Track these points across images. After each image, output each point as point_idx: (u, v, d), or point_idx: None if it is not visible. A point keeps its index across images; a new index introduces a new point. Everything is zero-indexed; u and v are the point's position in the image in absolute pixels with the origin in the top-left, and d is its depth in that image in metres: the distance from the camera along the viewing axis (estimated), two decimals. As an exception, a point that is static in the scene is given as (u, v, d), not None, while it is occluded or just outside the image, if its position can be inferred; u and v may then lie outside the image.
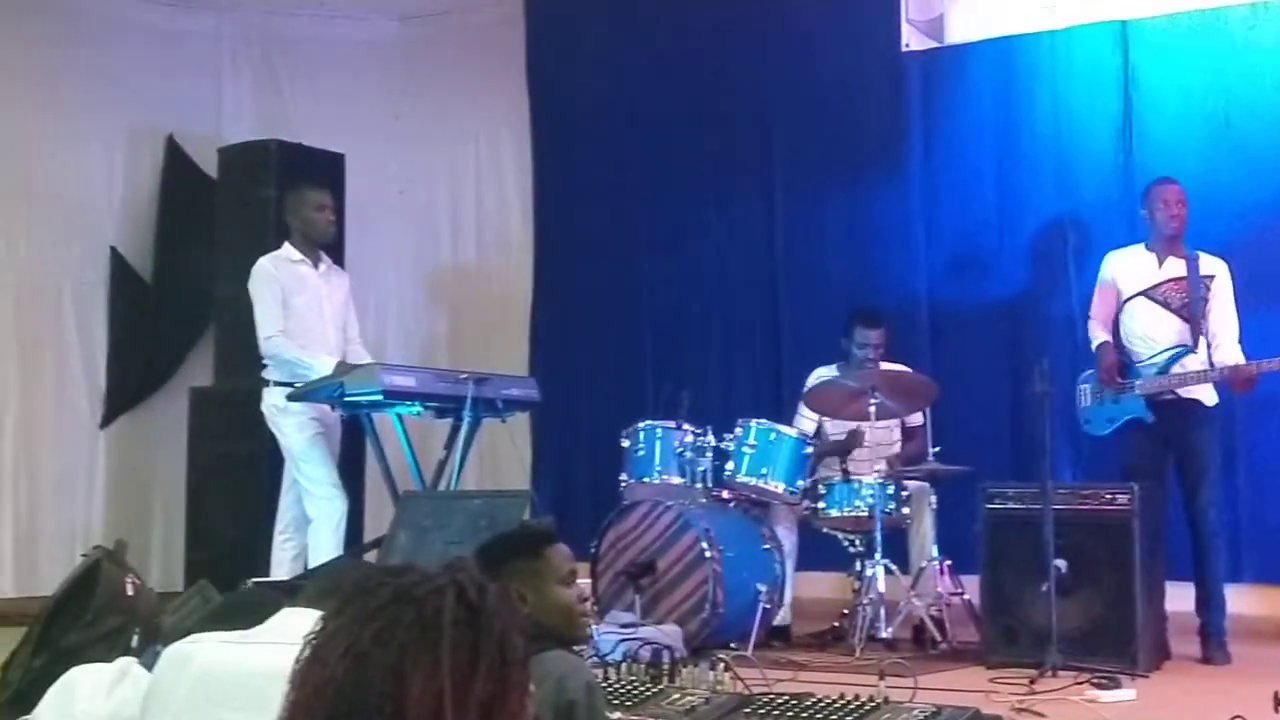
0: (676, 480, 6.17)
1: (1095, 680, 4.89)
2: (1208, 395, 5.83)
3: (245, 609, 2.75)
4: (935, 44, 7.48)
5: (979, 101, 7.45)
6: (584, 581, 3.89)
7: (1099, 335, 6.06)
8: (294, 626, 2.38)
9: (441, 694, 1.44)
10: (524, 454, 7.88)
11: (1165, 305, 5.89)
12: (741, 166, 8.05)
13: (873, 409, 6.06)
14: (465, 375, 6.28)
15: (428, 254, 9.07)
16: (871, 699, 3.63)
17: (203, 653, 2.44)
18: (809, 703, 3.58)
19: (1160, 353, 5.86)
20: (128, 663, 2.73)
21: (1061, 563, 5.37)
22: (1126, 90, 6.96)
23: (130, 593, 4.47)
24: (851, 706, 3.60)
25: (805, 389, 6.52)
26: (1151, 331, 5.90)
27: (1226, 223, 6.43)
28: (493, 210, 9.00)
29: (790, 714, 3.56)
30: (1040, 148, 7.22)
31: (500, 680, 1.49)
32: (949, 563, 6.08)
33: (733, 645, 5.49)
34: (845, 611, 6.02)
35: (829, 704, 3.60)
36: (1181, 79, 6.86)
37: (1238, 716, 3.71)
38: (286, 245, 6.64)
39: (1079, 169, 7.11)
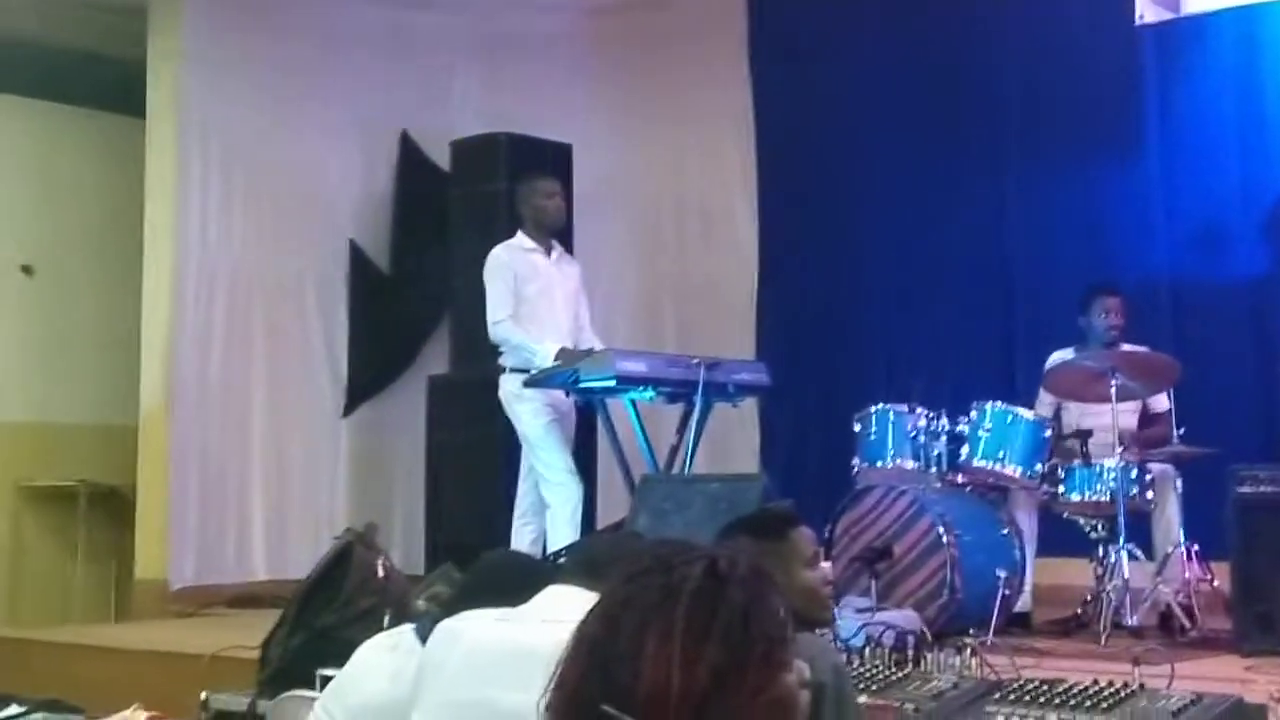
0: (910, 465, 6.10)
1: (1363, 670, 4.68)
2: None
3: (494, 582, 2.81)
4: (1171, 15, 7.23)
5: (1218, 74, 7.18)
6: (826, 564, 3.88)
7: None
8: (558, 604, 2.44)
9: (673, 655, 1.49)
10: (753, 439, 7.88)
11: None
12: (972, 147, 7.90)
13: (1113, 390, 5.89)
14: (696, 360, 6.31)
15: (652, 242, 9.13)
16: (1127, 685, 3.53)
17: (471, 630, 2.50)
18: (1062, 689, 3.51)
19: None
20: (404, 635, 2.81)
21: (1322, 548, 5.15)
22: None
23: (381, 574, 4.61)
24: (1107, 693, 3.51)
25: (1045, 371, 6.37)
26: None
27: None
28: (716, 197, 9.01)
29: (1043, 700, 3.49)
30: (1287, 119, 6.92)
31: (736, 650, 1.52)
32: (1196, 548, 5.88)
33: (972, 631, 5.40)
34: (1088, 598, 5.87)
35: (1083, 690, 3.52)
36: None
37: None
38: (520, 234, 6.76)
39: (1332, 139, 6.79)
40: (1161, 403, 6.27)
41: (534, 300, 6.62)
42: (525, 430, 6.57)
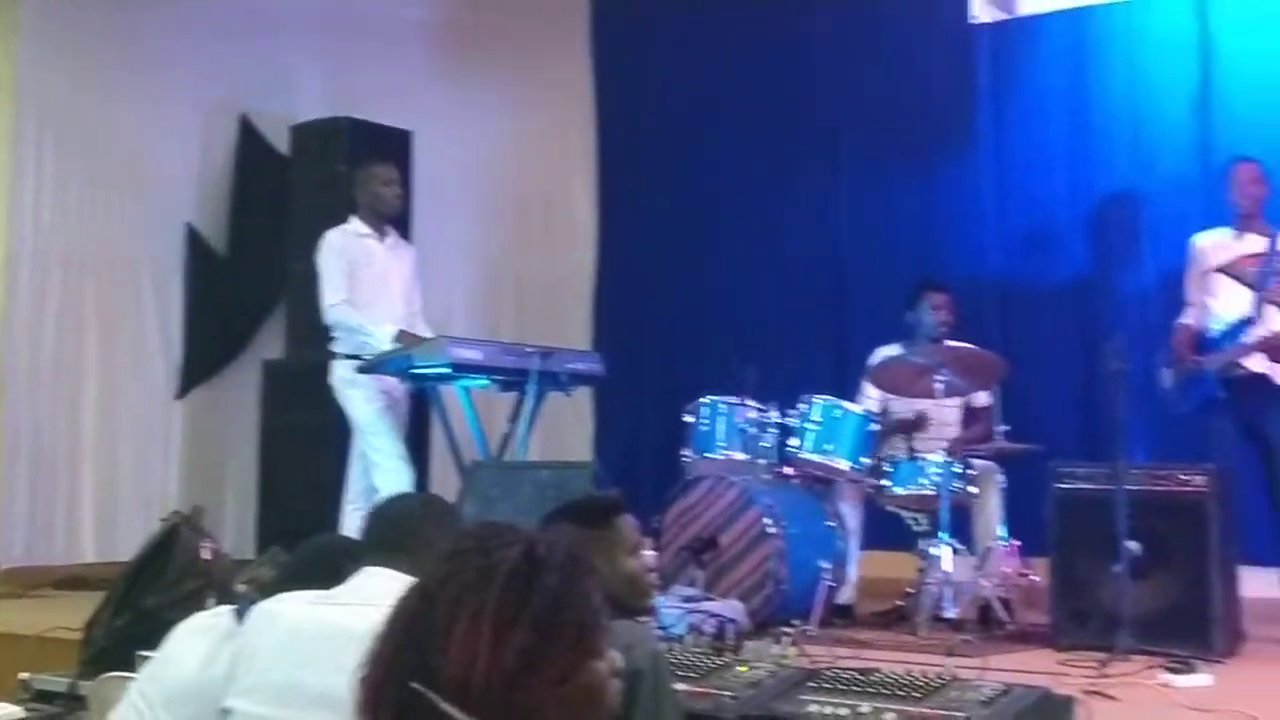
0: (740, 456, 6.14)
1: (1169, 665, 4.82)
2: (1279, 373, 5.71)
3: (315, 565, 2.77)
4: (1005, 15, 7.39)
5: (1051, 74, 7.36)
6: (650, 552, 3.88)
7: (1183, 318, 6.01)
8: (373, 586, 2.42)
9: (481, 636, 1.49)
10: (586, 428, 7.89)
11: (1239, 279, 5.80)
12: (809, 142, 7.99)
13: (939, 386, 5.99)
14: (531, 349, 6.29)
15: (492, 231, 9.08)
16: (939, 676, 3.59)
17: (287, 612, 2.47)
18: (875, 678, 3.55)
19: (1229, 327, 5.77)
20: (221, 617, 2.75)
21: (1134, 544, 5.28)
22: (1205, 61, 6.84)
23: (207, 557, 4.55)
24: (920, 683, 3.56)
25: (869, 366, 6.47)
26: (1225, 306, 5.83)
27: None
28: (557, 187, 9.00)
29: (856, 689, 3.52)
30: (1114, 121, 7.12)
31: (547, 634, 1.53)
32: (1017, 543, 6.01)
33: (795, 622, 5.45)
34: (910, 590, 5.96)
35: (895, 680, 3.57)
36: (1263, 48, 6.73)
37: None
38: (354, 219, 6.67)
39: (1154, 143, 7.00)
40: (985, 399, 6.40)
41: (368, 285, 6.54)
42: (357, 416, 6.50)
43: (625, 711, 2.82)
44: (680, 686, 3.39)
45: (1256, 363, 5.69)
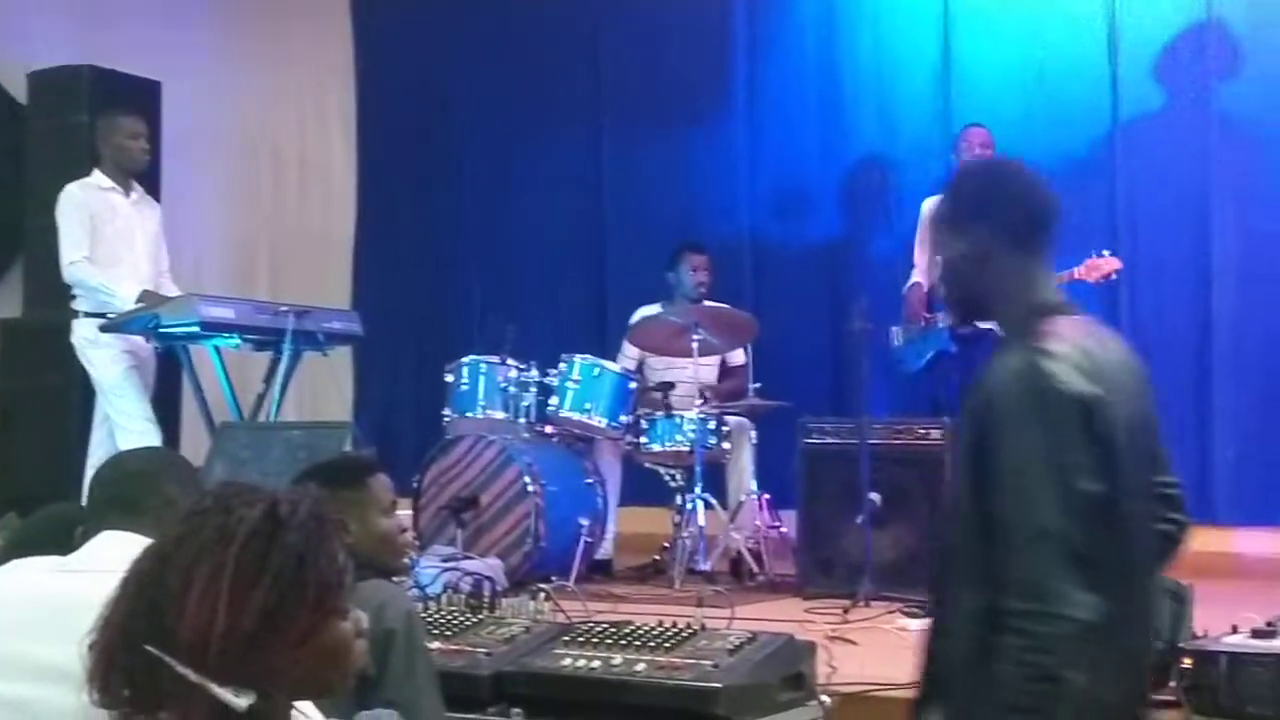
0: (500, 415, 6.15)
1: (906, 609, 5.05)
2: None
3: (50, 532, 2.66)
4: (762, -18, 7.53)
5: (803, 41, 7.53)
6: (405, 512, 3.87)
7: (912, 278, 6.23)
8: (106, 551, 2.33)
9: (220, 596, 1.48)
10: (346, 388, 7.79)
11: None
12: (568, 103, 8.02)
13: (695, 345, 6.11)
14: (285, 308, 6.16)
15: (247, 188, 8.86)
16: (689, 626, 3.67)
17: (9, 581, 2.36)
18: (627, 630, 3.60)
19: None
20: None
21: (876, 496, 5.51)
22: (946, 36, 7.09)
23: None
24: (670, 633, 3.63)
25: (629, 326, 6.55)
26: None
27: (1039, 166, 6.55)
28: (315, 142, 8.83)
29: (609, 641, 3.57)
30: (862, 89, 7.33)
31: (287, 594, 1.52)
32: (767, 497, 6.20)
33: (554, 578, 5.52)
34: (666, 545, 6.09)
35: (646, 631, 3.63)
36: (999, 26, 7.02)
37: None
38: (97, 172, 6.41)
39: (899, 112, 7.24)
40: (739, 357, 6.56)
41: (112, 242, 6.30)
42: (100, 377, 6.27)
43: (378, 670, 2.83)
44: (435, 645, 3.39)
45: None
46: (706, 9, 7.62)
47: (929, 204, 6.26)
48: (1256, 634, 3.57)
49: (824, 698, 3.64)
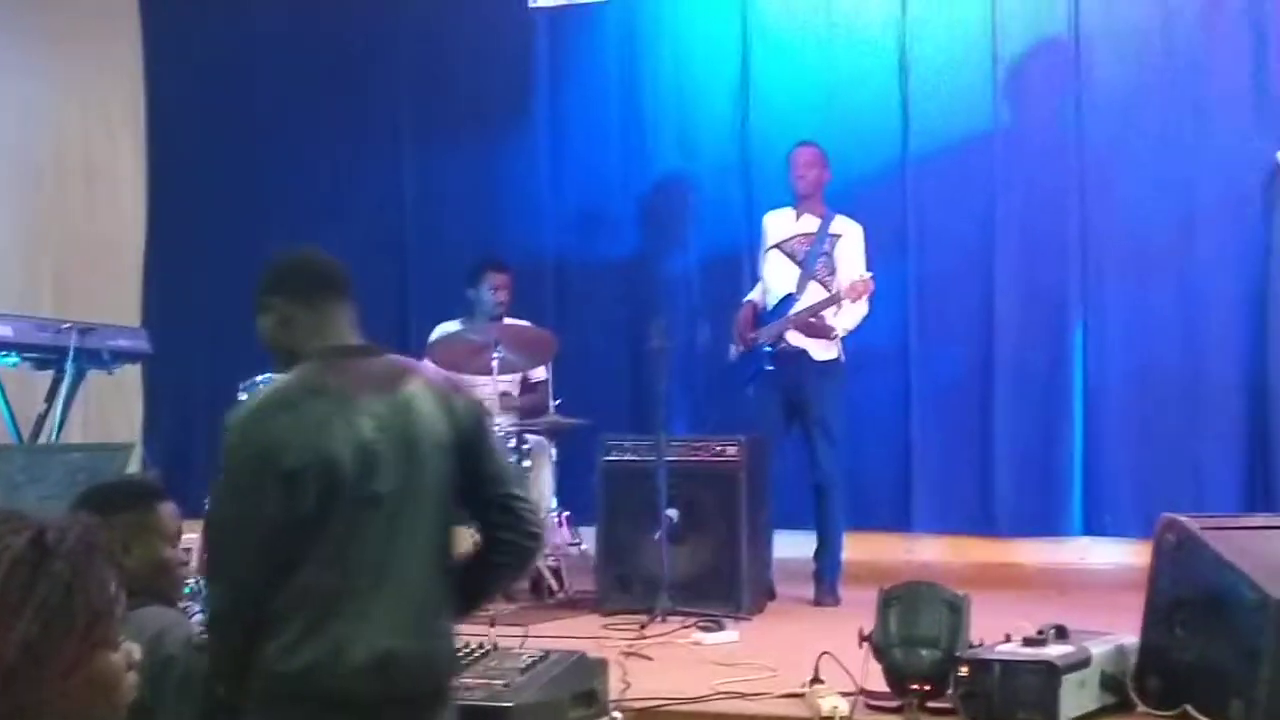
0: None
1: (701, 624, 5.12)
2: (816, 348, 6.06)
3: None
4: (563, 1, 7.56)
5: (605, 60, 7.59)
6: (192, 536, 3.77)
7: (750, 295, 6.30)
8: None
9: None
10: (135, 408, 7.58)
11: (790, 257, 6.15)
12: (370, 119, 7.94)
13: (495, 363, 6.10)
14: (68, 325, 5.97)
15: (27, 197, 8.52)
16: (481, 646, 3.66)
17: None
18: (418, 651, 3.59)
19: (779, 302, 6.13)
20: None
21: (673, 512, 5.57)
22: (744, 57, 7.23)
23: None
24: (462, 654, 3.62)
25: (428, 343, 6.51)
26: (775, 282, 6.16)
27: (834, 187, 6.72)
28: (101, 149, 8.53)
29: (399, 663, 3.56)
30: (663, 109, 7.42)
31: (53, 624, 1.48)
32: (568, 514, 6.22)
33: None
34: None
35: (438, 652, 3.62)
36: (795, 49, 7.18)
37: (825, 653, 3.93)
38: None
39: (699, 131, 7.35)
40: (540, 374, 6.56)
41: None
42: None
43: (154, 699, 2.76)
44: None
45: (796, 338, 6.06)
46: (508, 28, 7.63)
47: (767, 218, 6.33)
48: (1028, 642, 3.70)
49: (616, 714, 3.67)
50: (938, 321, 6.84)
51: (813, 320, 5.99)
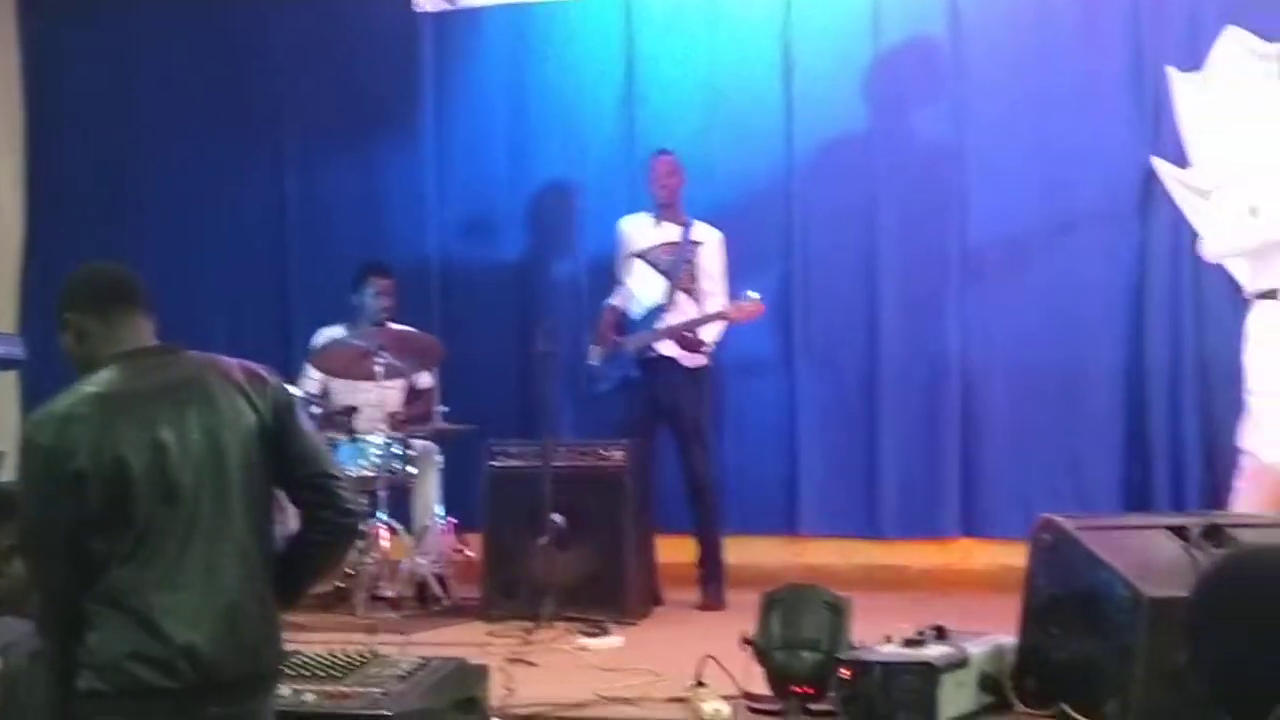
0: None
1: (587, 629, 5.11)
2: (686, 356, 6.14)
3: None
4: (448, 6, 7.51)
5: (491, 65, 7.51)
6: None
7: (611, 300, 6.33)
8: None
9: None
10: (9, 416, 7.38)
11: (655, 266, 6.22)
12: (251, 124, 7.78)
13: (379, 369, 6.03)
14: (-65, 331, 5.81)
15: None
16: (360, 655, 3.63)
17: None
18: (296, 660, 3.53)
19: (647, 311, 6.17)
20: None
21: (559, 517, 5.56)
22: (630, 61, 7.22)
23: None
24: (341, 662, 3.59)
25: (310, 349, 6.44)
26: (641, 291, 6.21)
27: (717, 191, 6.78)
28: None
29: (276, 673, 3.50)
30: (550, 114, 7.38)
31: None
32: (454, 520, 6.17)
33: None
34: (350, 571, 5.97)
35: (316, 661, 3.57)
36: (680, 52, 7.18)
37: (709, 656, 3.94)
38: None
39: (586, 136, 7.31)
40: (426, 380, 6.53)
41: None
42: None
43: (6, 708, 2.73)
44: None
45: (666, 346, 6.11)
46: (393, 32, 7.54)
47: (624, 224, 6.38)
48: (908, 643, 3.74)
49: (496, 721, 3.65)
50: (822, 323, 6.89)
51: (688, 334, 6.04)
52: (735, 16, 7.11)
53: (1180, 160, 6.27)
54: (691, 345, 6.07)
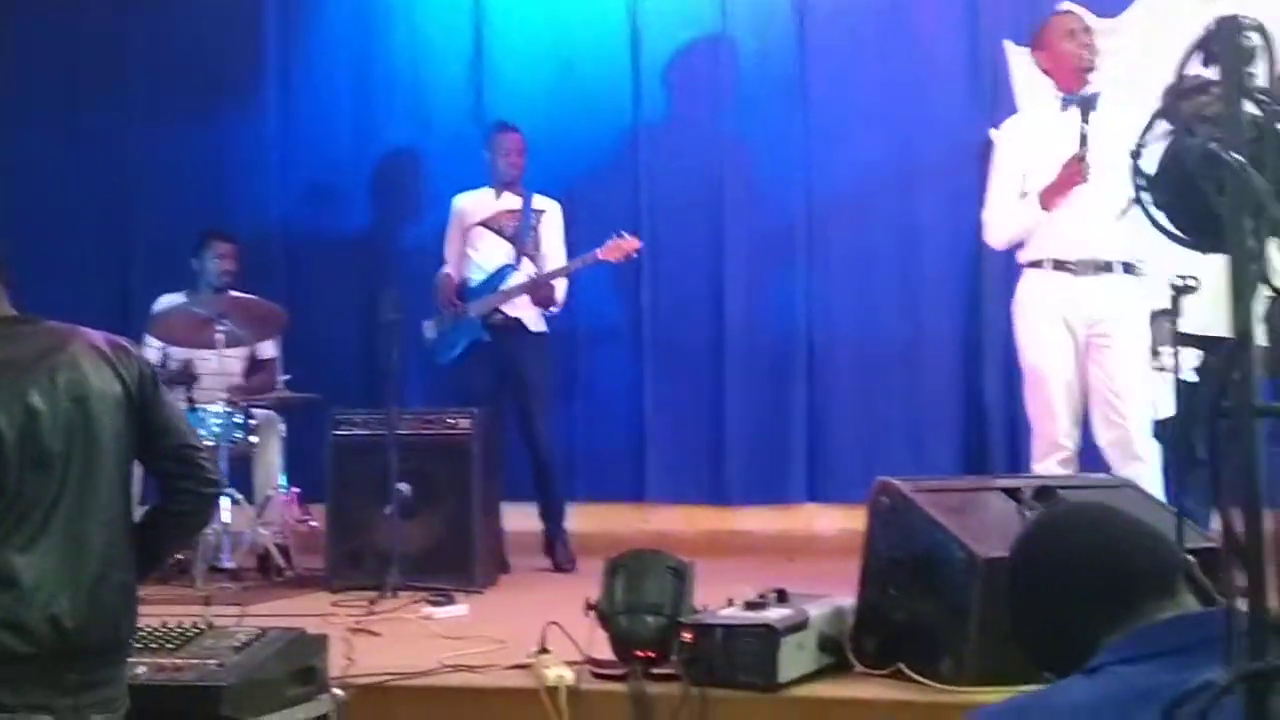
0: None
1: (432, 598, 5.08)
2: (532, 319, 6.20)
3: None
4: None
5: (337, 33, 7.43)
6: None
7: (443, 269, 6.29)
8: None
9: None
10: None
11: (499, 233, 6.27)
12: (95, 88, 7.56)
13: (220, 336, 5.91)
14: None
15: None
16: (195, 625, 3.55)
17: None
18: (129, 634, 3.45)
19: (490, 275, 6.16)
20: None
21: (405, 486, 5.50)
22: (478, 29, 7.17)
23: None
24: (175, 634, 3.50)
25: (151, 315, 6.29)
26: (486, 257, 6.26)
27: (567, 160, 6.77)
28: None
29: (108, 646, 3.42)
30: (397, 81, 7.31)
31: None
32: (297, 490, 6.09)
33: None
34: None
35: (149, 633, 3.48)
36: (529, 22, 7.15)
37: (552, 623, 3.94)
38: None
39: (433, 104, 7.26)
40: (269, 349, 6.44)
41: None
42: None
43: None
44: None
45: (514, 308, 6.13)
46: (238, -1, 7.41)
47: (461, 200, 6.36)
48: (749, 605, 3.77)
49: (337, 691, 3.60)
50: (670, 292, 6.93)
51: (551, 284, 6.05)
52: (583, -14, 7.10)
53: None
54: (548, 300, 6.10)
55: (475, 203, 6.35)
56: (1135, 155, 1.70)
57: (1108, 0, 6.23)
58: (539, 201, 6.32)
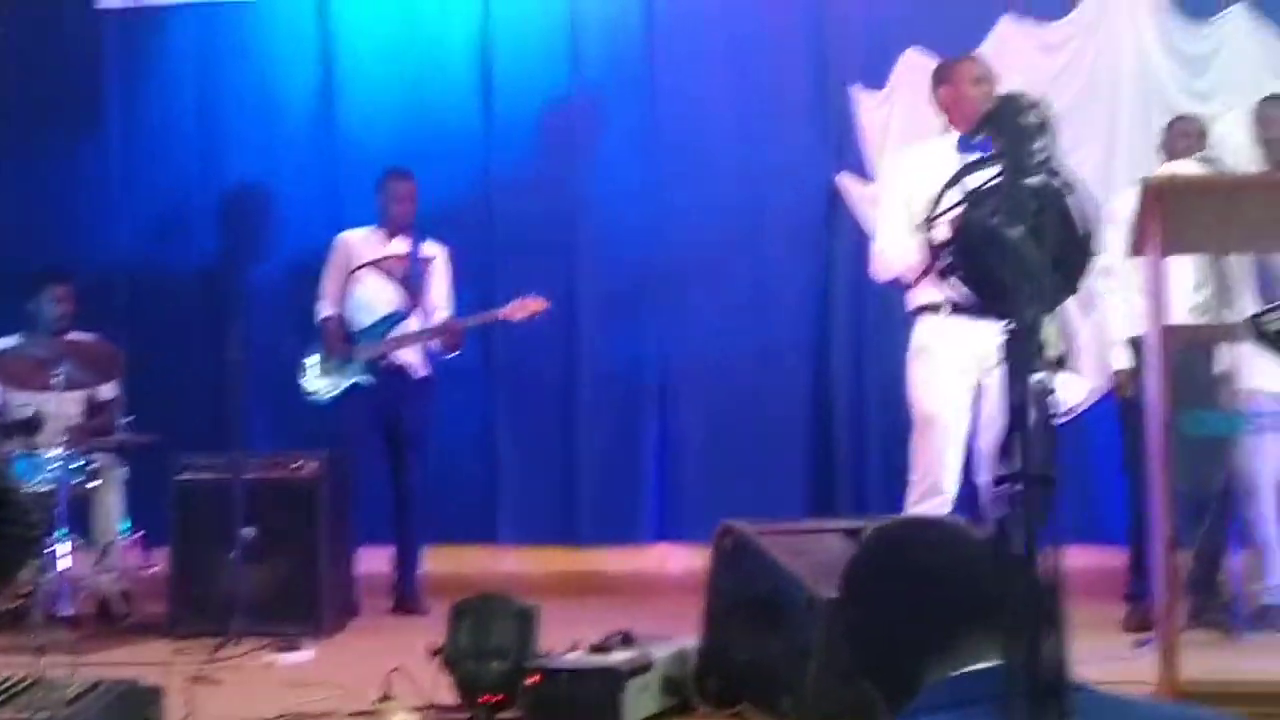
0: None
1: (277, 644, 5.00)
2: (419, 365, 6.21)
3: None
4: (133, 3, 7.26)
5: (180, 65, 7.31)
6: None
7: (324, 310, 6.24)
8: None
9: None
10: None
11: (389, 276, 6.21)
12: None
13: (59, 380, 5.76)
14: None
15: None
16: (26, 677, 3.46)
17: None
18: (-45, 689, 3.35)
19: (380, 320, 6.13)
20: None
21: (250, 530, 5.42)
22: (327, 61, 7.13)
23: None
24: (3, 687, 3.41)
25: (-13, 359, 6.11)
26: (374, 301, 6.20)
27: (420, 200, 6.70)
28: None
29: (-70, 702, 3.31)
30: (244, 115, 7.21)
31: None
32: (140, 535, 5.97)
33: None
34: (24, 591, 5.69)
35: (-25, 688, 3.39)
36: (379, 58, 7.11)
37: (396, 668, 3.91)
38: None
39: (282, 137, 7.18)
40: (109, 391, 6.30)
41: None
42: None
43: None
44: None
45: (402, 355, 6.13)
46: (75, 29, 7.24)
47: (348, 237, 6.28)
48: (594, 649, 3.79)
49: (173, 744, 3.54)
50: (522, 335, 6.87)
51: (459, 329, 6.13)
52: (434, 18, 7.08)
53: (866, 177, 6.55)
54: (455, 344, 6.14)
55: (362, 243, 6.28)
56: (926, 228, 1.74)
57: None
58: (429, 248, 6.30)
